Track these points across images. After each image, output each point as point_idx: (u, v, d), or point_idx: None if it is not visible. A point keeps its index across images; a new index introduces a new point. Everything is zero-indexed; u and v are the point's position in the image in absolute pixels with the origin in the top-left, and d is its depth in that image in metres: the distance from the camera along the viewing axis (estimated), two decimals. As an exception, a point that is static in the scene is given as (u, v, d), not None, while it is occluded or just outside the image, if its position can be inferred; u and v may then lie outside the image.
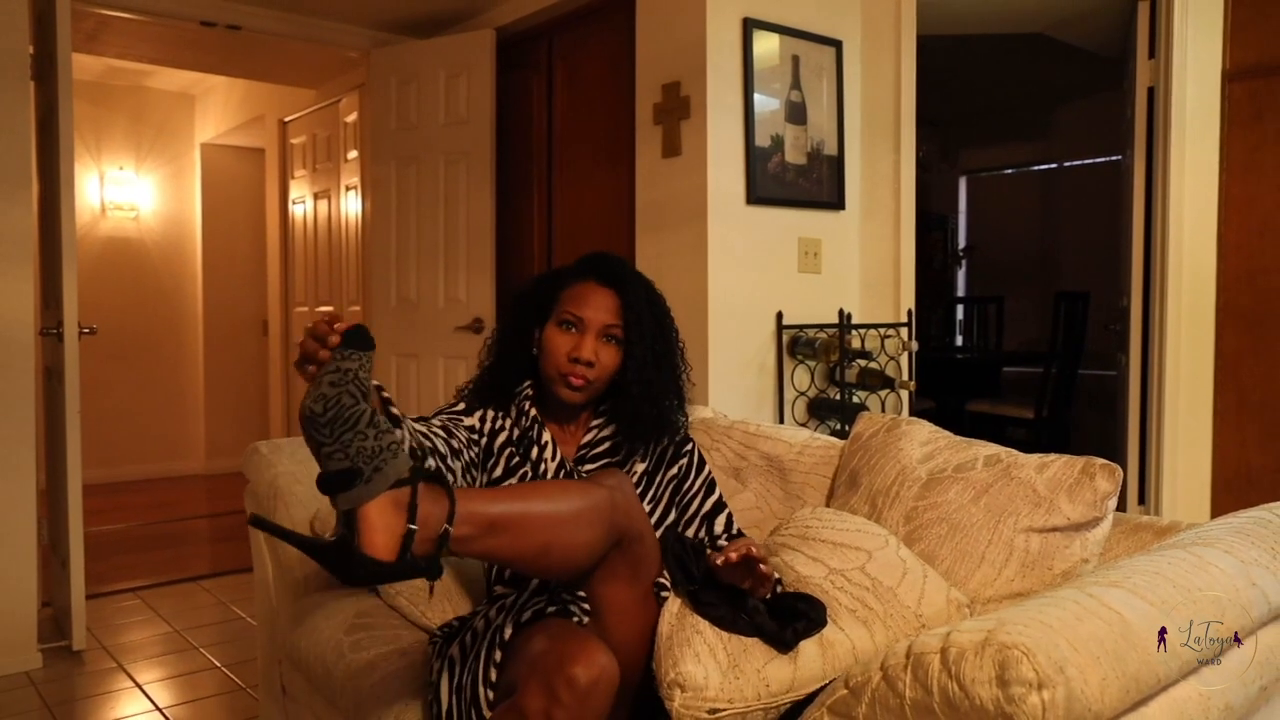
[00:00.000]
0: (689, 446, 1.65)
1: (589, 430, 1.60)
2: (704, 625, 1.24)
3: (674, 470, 1.61)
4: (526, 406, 1.58)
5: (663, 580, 1.37)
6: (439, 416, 1.56)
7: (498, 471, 1.54)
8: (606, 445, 1.59)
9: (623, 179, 3.23)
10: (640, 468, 1.59)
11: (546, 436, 1.55)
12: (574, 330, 1.52)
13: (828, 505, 1.76)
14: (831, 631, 1.27)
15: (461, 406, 1.59)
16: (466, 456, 1.49)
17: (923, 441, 1.66)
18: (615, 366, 1.54)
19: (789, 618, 1.26)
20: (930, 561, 1.45)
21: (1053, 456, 1.49)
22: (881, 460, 1.65)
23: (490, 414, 1.58)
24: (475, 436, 1.55)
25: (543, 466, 1.54)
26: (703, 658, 1.19)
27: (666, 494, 1.60)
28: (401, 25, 4.12)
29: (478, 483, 1.53)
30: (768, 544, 1.51)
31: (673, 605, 1.29)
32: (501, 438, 1.56)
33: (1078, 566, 1.39)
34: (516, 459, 1.55)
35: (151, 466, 6.01)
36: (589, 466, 1.57)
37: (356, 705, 1.56)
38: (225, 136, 5.96)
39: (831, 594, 1.33)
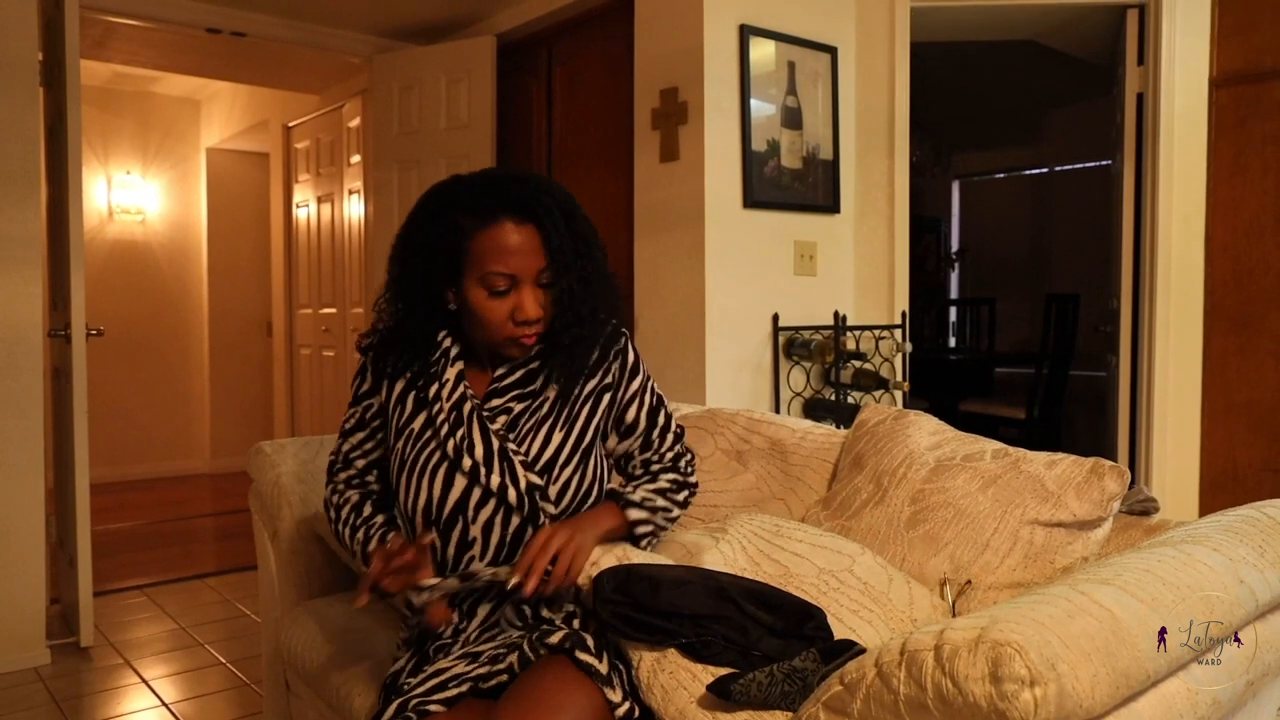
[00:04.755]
0: (620, 344, 1.44)
1: (503, 364, 1.41)
2: (693, 665, 1.18)
3: (605, 380, 1.43)
4: (447, 344, 1.40)
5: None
6: (358, 428, 1.47)
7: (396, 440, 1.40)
8: (519, 375, 1.40)
9: (621, 183, 3.27)
10: (552, 393, 1.39)
11: (450, 374, 1.38)
12: (508, 291, 1.31)
13: (830, 487, 1.76)
14: (843, 633, 1.26)
15: (367, 386, 1.45)
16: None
17: (931, 431, 1.67)
18: (557, 304, 1.35)
19: (799, 640, 1.19)
20: (934, 543, 1.45)
21: (1060, 455, 1.49)
22: (889, 444, 1.65)
23: (389, 385, 1.43)
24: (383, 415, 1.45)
25: (437, 407, 1.36)
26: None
27: (587, 406, 1.41)
28: (403, 32, 4.16)
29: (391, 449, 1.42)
30: (731, 534, 1.46)
31: (645, 660, 1.21)
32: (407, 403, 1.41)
33: (1078, 564, 1.39)
34: (406, 413, 1.40)
35: (158, 466, 6.05)
36: (496, 401, 1.39)
37: (351, 707, 1.57)
38: (230, 141, 6.00)
39: (829, 595, 1.31)
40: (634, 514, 1.39)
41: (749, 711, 1.12)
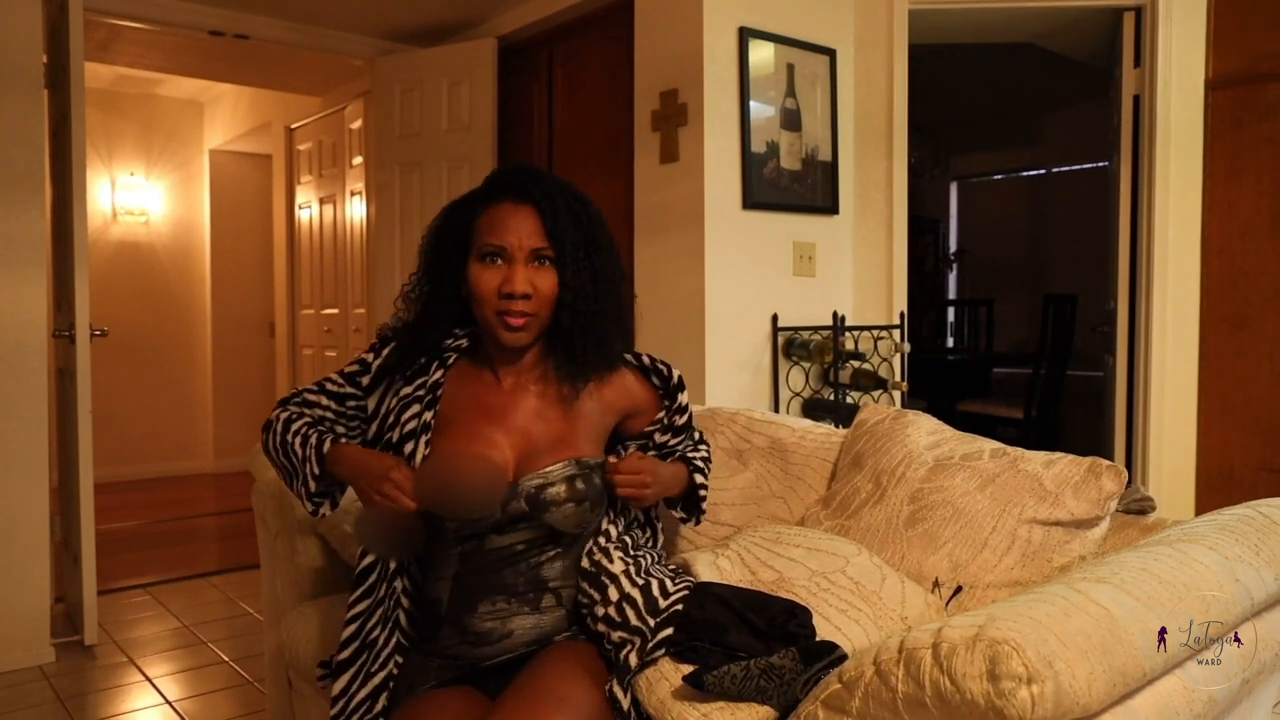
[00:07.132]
0: (679, 402, 1.54)
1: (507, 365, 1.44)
2: (674, 670, 1.20)
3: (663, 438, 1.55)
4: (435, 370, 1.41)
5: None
6: (329, 395, 1.43)
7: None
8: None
9: (621, 184, 3.29)
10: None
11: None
12: (499, 262, 1.34)
13: (829, 486, 1.77)
14: (829, 632, 1.28)
15: (366, 382, 1.43)
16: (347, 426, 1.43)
17: (929, 431, 1.68)
18: (556, 291, 1.36)
19: (782, 640, 1.21)
20: (933, 542, 1.46)
21: (1058, 454, 1.50)
22: (888, 444, 1.66)
23: (398, 388, 1.41)
24: (362, 413, 1.43)
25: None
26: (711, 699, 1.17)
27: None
28: (405, 34, 4.19)
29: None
30: (733, 547, 1.50)
31: (649, 676, 1.22)
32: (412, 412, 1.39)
33: (1075, 563, 1.39)
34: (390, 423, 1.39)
35: (161, 465, 6.08)
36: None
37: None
38: (233, 143, 6.03)
39: (819, 595, 1.33)
40: (699, 479, 1.55)
41: (723, 702, 1.15)
